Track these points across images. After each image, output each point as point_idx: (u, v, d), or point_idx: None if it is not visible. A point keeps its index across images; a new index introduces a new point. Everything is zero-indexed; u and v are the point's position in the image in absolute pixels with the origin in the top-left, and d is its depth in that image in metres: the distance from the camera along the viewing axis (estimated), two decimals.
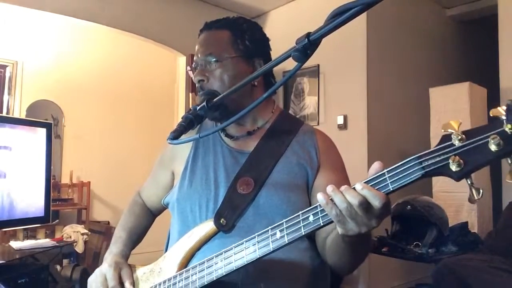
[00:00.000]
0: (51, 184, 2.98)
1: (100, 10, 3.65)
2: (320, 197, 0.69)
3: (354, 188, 0.67)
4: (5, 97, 4.11)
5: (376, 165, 0.68)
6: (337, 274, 1.02)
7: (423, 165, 0.62)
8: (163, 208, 1.19)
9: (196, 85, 1.05)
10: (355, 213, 0.67)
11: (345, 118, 3.64)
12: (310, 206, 0.98)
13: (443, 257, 2.46)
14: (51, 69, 4.32)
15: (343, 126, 3.64)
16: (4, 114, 3.99)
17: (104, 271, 1.03)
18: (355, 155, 3.43)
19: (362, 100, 3.54)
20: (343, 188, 0.68)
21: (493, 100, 3.32)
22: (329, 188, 0.69)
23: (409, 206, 2.65)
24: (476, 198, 0.59)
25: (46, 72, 4.29)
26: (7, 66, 4.10)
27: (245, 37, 1.05)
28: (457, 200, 3.02)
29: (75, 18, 3.63)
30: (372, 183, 0.67)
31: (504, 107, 0.56)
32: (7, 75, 4.11)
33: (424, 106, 3.36)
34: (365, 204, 0.66)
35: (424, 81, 3.72)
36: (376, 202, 0.65)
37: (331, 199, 0.69)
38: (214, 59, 1.02)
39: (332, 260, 0.93)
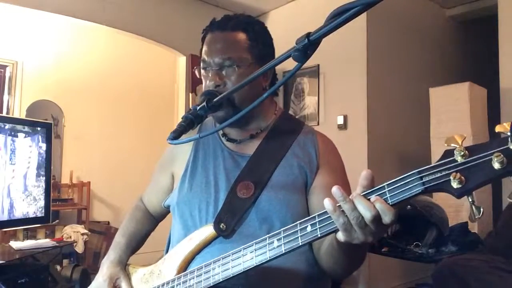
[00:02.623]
0: (51, 184, 2.98)
1: (100, 10, 3.65)
2: (327, 203, 0.66)
3: (367, 199, 0.64)
4: (5, 97, 4.11)
5: (363, 175, 0.66)
6: (332, 279, 1.02)
7: (424, 180, 0.61)
8: (165, 212, 1.18)
9: (208, 88, 0.99)
10: (365, 224, 0.65)
11: (345, 118, 3.64)
12: (307, 207, 0.99)
13: (443, 257, 2.46)
14: (51, 69, 4.33)
15: (343, 126, 3.64)
16: (4, 114, 3.99)
17: (100, 286, 1.04)
18: (355, 155, 3.43)
19: (362, 100, 3.54)
20: (354, 195, 0.65)
21: (493, 100, 3.32)
22: (337, 193, 0.65)
23: (409, 206, 2.64)
24: (476, 216, 0.58)
25: (46, 72, 4.29)
26: (7, 66, 4.10)
27: (259, 41, 1.03)
28: (457, 200, 3.01)
29: (75, 18, 3.63)
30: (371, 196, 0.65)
31: (510, 123, 0.54)
32: (7, 75, 4.11)
33: (424, 106, 3.36)
34: (378, 218, 0.63)
35: (424, 81, 3.72)
36: (386, 217, 0.63)
37: (339, 206, 0.66)
38: (233, 64, 0.98)
39: (327, 265, 0.92)
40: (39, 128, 2.87)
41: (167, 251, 1.09)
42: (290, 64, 0.69)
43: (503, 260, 2.27)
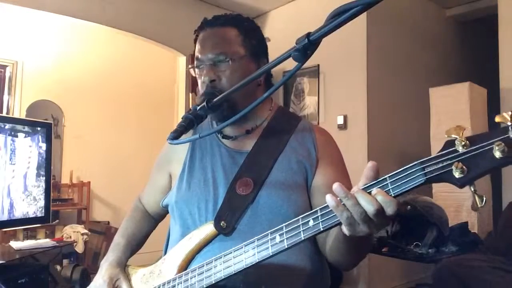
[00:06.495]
0: (51, 184, 2.98)
1: (100, 10, 3.65)
2: (329, 199, 0.66)
3: (369, 192, 0.64)
4: (5, 97, 4.11)
5: (369, 165, 0.66)
6: (337, 269, 1.02)
7: (426, 171, 0.61)
8: (164, 212, 1.17)
9: (205, 84, 0.99)
10: (368, 217, 0.65)
11: (345, 118, 3.64)
12: (310, 204, 0.99)
13: (443, 257, 2.46)
14: (51, 69, 4.32)
15: (343, 126, 3.64)
16: (4, 114, 3.99)
17: (100, 287, 1.04)
18: (355, 155, 3.43)
19: (362, 100, 3.54)
20: (355, 190, 0.65)
21: (493, 100, 3.32)
22: (339, 190, 0.65)
23: (409, 206, 2.65)
24: (479, 205, 0.58)
25: (46, 72, 4.29)
26: (7, 66, 4.10)
27: (251, 35, 1.04)
28: (457, 200, 3.02)
29: (75, 18, 3.63)
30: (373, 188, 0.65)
31: (510, 113, 0.54)
32: (7, 75, 4.11)
33: (424, 106, 3.36)
34: (381, 211, 0.63)
35: (424, 81, 3.72)
36: (388, 209, 0.63)
37: (342, 202, 0.66)
38: (226, 58, 0.98)
39: (333, 257, 0.92)
40: (39, 128, 2.87)
41: (165, 251, 1.08)
42: (290, 64, 0.68)
43: (503, 260, 2.28)
